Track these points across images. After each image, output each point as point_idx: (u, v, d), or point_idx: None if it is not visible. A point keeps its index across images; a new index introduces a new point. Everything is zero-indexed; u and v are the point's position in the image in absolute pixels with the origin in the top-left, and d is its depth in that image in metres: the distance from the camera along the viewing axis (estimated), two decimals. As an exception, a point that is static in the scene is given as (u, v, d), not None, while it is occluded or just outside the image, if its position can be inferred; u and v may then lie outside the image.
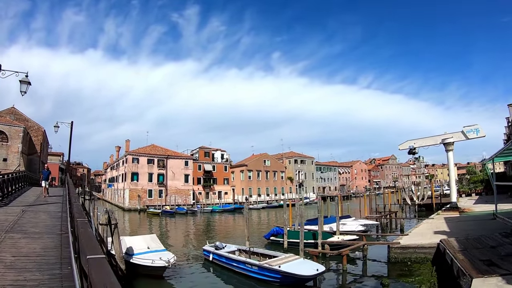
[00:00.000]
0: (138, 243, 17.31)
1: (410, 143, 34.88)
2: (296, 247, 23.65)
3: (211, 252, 19.76)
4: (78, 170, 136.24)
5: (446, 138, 31.31)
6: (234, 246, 21.34)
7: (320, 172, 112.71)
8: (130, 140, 72.17)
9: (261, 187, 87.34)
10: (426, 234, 19.68)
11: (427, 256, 16.31)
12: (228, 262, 18.21)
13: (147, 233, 37.52)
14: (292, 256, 16.94)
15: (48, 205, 15.08)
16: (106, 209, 13.50)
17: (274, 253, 18.96)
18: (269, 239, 27.25)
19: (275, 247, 24.95)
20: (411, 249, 16.84)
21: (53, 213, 12.78)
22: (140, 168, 67.85)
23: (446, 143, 31.34)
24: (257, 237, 31.28)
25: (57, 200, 17.87)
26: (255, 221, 48.57)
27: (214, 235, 33.46)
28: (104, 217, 13.32)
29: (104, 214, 13.33)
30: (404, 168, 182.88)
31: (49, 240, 8.53)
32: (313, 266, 15.57)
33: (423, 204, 48.67)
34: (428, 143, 33.66)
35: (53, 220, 11.33)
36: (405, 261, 16.65)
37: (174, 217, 54.45)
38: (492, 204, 32.68)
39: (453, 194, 32.63)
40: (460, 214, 29.10)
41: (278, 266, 15.12)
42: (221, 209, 64.17)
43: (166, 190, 70.29)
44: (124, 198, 66.94)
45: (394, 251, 17.13)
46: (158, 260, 15.33)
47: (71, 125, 26.92)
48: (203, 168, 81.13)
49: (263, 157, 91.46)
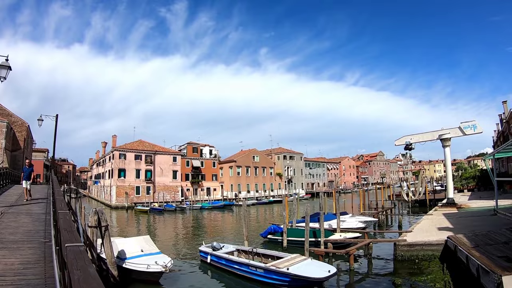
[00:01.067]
0: (130, 245, 15.95)
1: (406, 139, 34.51)
2: (296, 246, 22.95)
3: (209, 253, 18.46)
4: (64, 167, 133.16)
5: (443, 134, 31.08)
6: (232, 246, 20.13)
7: (308, 168, 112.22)
8: (117, 136, 70.39)
9: (250, 183, 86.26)
10: (430, 231, 19.22)
11: (435, 253, 15.94)
12: (228, 264, 16.96)
13: (136, 231, 36.49)
14: (299, 257, 15.80)
15: (31, 206, 13.66)
16: (95, 210, 12.14)
17: (278, 253, 17.77)
18: (266, 237, 26.11)
19: (273, 246, 23.98)
20: (418, 246, 16.37)
21: (36, 215, 11.37)
22: (127, 164, 66.17)
23: (443, 139, 31.15)
24: (252, 235, 30.20)
25: (41, 200, 16.41)
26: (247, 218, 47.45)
27: (206, 234, 32.28)
28: (94, 219, 11.98)
29: (94, 215, 11.98)
30: (391, 165, 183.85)
31: (30, 252, 7.25)
32: (323, 267, 14.51)
33: (417, 200, 48.67)
34: (425, 138, 33.44)
35: (36, 224, 10.00)
36: (412, 258, 16.20)
37: (163, 214, 52.99)
38: (487, 200, 33.51)
39: (450, 190, 32.36)
40: (458, 210, 28.89)
41: (287, 268, 13.97)
42: (211, 206, 62.80)
43: (154, 186, 68.78)
44: (111, 195, 65.19)
45: (401, 248, 16.61)
46: (153, 264, 14.03)
47: (56, 119, 25.40)
48: (191, 164, 79.65)
49: (252, 153, 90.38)
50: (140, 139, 74.88)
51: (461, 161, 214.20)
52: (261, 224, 39.48)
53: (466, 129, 29.94)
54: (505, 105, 44.76)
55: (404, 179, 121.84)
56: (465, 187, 57.83)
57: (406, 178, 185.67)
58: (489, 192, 43.91)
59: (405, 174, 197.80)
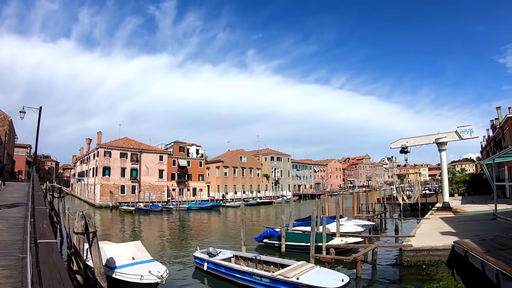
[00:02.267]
0: (120, 252, 14.61)
1: (402, 142, 34.43)
2: (296, 251, 22.17)
3: (205, 260, 17.16)
4: (46, 164, 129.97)
5: (439, 138, 31.15)
6: (230, 252, 18.96)
7: (296, 170, 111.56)
8: (102, 132, 68.37)
9: (237, 184, 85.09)
10: (433, 236, 19.02)
11: (441, 258, 15.80)
12: (228, 272, 15.75)
13: (120, 233, 35.02)
14: (306, 265, 14.77)
15: (8, 209, 12.28)
16: (82, 213, 10.84)
17: (281, 260, 16.64)
18: (262, 241, 25.09)
19: (269, 251, 23.09)
20: (425, 251, 16.17)
21: (13, 219, 10.03)
22: (112, 162, 64.39)
23: (440, 143, 31.17)
24: (246, 238, 29.11)
25: (20, 200, 15.00)
26: (235, 220, 46.29)
27: (196, 236, 31.20)
28: (80, 224, 10.68)
29: (80, 219, 10.69)
30: (377, 168, 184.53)
31: (5, 273, 5.56)
32: (335, 276, 13.48)
33: (411, 204, 48.16)
34: (421, 142, 33.35)
35: (12, 231, 8.69)
36: (419, 264, 15.95)
37: (148, 215, 51.48)
38: (480, 204, 34.19)
39: (446, 194, 32.36)
40: (454, 214, 28.96)
41: (296, 278, 12.86)
42: (198, 206, 61.36)
43: (140, 186, 67.15)
44: (95, 194, 63.30)
45: (407, 254, 16.37)
46: (147, 274, 12.74)
47: (40, 111, 23.97)
48: (178, 163, 78.14)
49: (240, 153, 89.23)
50: (126, 136, 73.04)
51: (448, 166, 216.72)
52: (252, 227, 38.43)
53: (463, 133, 29.85)
54: (499, 110, 45.03)
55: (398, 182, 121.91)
56: (456, 191, 57.53)
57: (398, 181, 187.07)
58: (480, 197, 44.24)
59: (389, 178, 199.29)
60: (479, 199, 40.07)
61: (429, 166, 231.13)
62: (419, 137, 33.72)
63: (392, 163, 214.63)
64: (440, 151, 31.39)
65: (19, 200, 14.75)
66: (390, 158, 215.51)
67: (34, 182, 17.34)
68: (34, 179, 18.99)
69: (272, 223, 40.05)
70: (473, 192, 52.20)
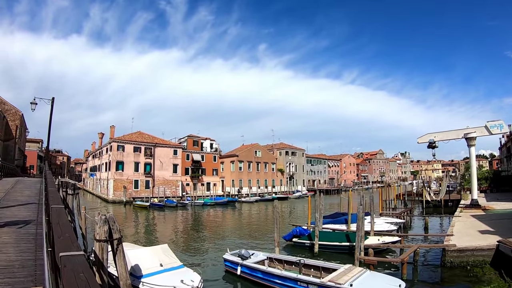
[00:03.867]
0: (146, 258, 12.70)
1: (430, 137, 33.54)
2: (329, 251, 20.42)
3: (239, 263, 15.29)
4: (58, 158, 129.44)
5: (469, 133, 30.33)
6: (262, 253, 17.09)
7: (310, 165, 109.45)
8: (115, 126, 66.62)
9: (251, 179, 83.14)
10: (472, 234, 18.38)
11: (485, 258, 15.11)
12: (267, 278, 13.83)
13: (136, 230, 33.23)
14: (354, 268, 13.01)
15: (19, 208, 10.39)
16: (105, 217, 8.93)
17: (323, 263, 14.81)
18: (291, 240, 23.29)
19: (298, 250, 21.29)
20: (469, 251, 15.48)
21: (23, 227, 8.15)
22: (126, 156, 62.79)
23: (468, 138, 30.38)
24: (267, 236, 27.37)
25: (31, 199, 13.06)
26: (252, 217, 44.50)
27: (216, 234, 29.21)
28: (103, 230, 8.75)
29: (103, 224, 8.77)
30: (390, 163, 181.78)
31: None
32: (390, 281, 11.83)
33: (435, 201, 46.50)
34: (450, 137, 32.52)
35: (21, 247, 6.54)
36: (463, 265, 15.25)
37: (163, 210, 49.88)
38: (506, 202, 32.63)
39: (474, 191, 31.53)
40: (484, 212, 28.08)
41: (349, 284, 11.18)
42: (213, 202, 59.60)
43: (154, 180, 65.51)
44: (108, 189, 61.73)
45: (450, 254, 15.65)
46: (180, 285, 10.83)
47: (52, 102, 22.27)
48: (192, 157, 76.29)
49: (255, 147, 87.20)
50: (139, 130, 71.43)
51: (459, 162, 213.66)
52: (272, 223, 36.65)
53: (493, 128, 29.18)
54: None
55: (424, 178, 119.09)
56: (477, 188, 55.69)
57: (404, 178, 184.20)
58: (502, 194, 43.25)
59: (403, 174, 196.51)
60: (503, 197, 38.69)
61: (442, 162, 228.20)
62: (447, 132, 33.07)
63: (405, 158, 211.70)
64: (469, 146, 30.70)
65: (30, 199, 12.83)
66: (404, 153, 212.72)
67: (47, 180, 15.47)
68: (48, 175, 17.17)
69: (294, 220, 38.43)
70: (495, 189, 50.51)
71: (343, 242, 20.82)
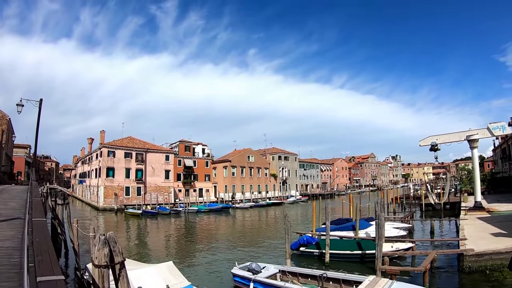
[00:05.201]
0: (151, 279, 11.22)
1: (432, 139, 32.98)
2: (341, 261, 19.43)
3: (251, 279, 13.92)
4: (46, 164, 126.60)
5: (471, 135, 29.96)
6: (274, 266, 15.82)
7: (303, 169, 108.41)
8: (105, 131, 64.74)
9: (245, 184, 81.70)
10: (486, 238, 18.04)
11: (503, 262, 14.81)
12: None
13: (129, 240, 31.62)
14: (380, 279, 12.00)
15: (1, 226, 8.91)
16: (104, 238, 7.55)
17: (345, 275, 13.69)
18: (298, 250, 22.02)
19: (306, 260, 20.19)
20: (487, 255, 15.08)
21: (5, 251, 6.70)
22: (117, 162, 60.89)
23: (471, 140, 30.00)
24: (269, 244, 26.13)
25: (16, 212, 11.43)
26: (248, 223, 43.15)
27: (216, 244, 27.64)
28: (103, 253, 7.35)
29: (103, 246, 7.37)
30: (382, 167, 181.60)
31: None
32: None
33: (429, 204, 46.20)
34: (452, 139, 32.20)
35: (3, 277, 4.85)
36: (481, 269, 14.87)
37: (156, 218, 48.22)
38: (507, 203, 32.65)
39: (478, 193, 30.85)
40: (490, 214, 27.90)
41: None
42: (207, 208, 57.98)
43: (145, 187, 63.66)
44: (98, 196, 59.67)
45: (468, 259, 15.21)
46: None
47: (40, 104, 20.72)
48: (184, 163, 74.56)
49: (247, 152, 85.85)
50: (130, 135, 69.66)
51: (449, 164, 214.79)
52: (272, 231, 35.35)
53: (495, 130, 28.92)
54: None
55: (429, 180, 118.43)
56: None
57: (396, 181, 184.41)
58: (501, 195, 42.87)
59: (394, 177, 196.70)
60: (503, 198, 38.64)
61: (432, 164, 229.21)
62: (449, 134, 32.64)
63: (396, 161, 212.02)
64: (471, 148, 30.35)
65: (15, 213, 11.27)
66: (395, 157, 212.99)
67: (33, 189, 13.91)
68: (33, 185, 15.63)
69: (294, 226, 37.28)
70: (493, 190, 50.54)
71: (354, 250, 19.88)
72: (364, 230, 24.76)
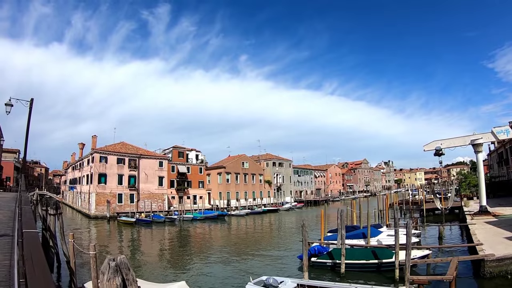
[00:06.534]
0: None
1: (436, 144, 32.91)
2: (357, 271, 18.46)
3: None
4: (35, 170, 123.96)
5: (475, 139, 29.99)
6: (291, 280, 14.77)
7: (297, 176, 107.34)
8: (97, 136, 62.90)
9: (239, 191, 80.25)
10: (503, 242, 17.98)
11: None
12: None
13: (121, 250, 30.09)
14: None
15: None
16: (114, 263, 6.19)
17: None
18: (309, 260, 20.74)
19: (319, 271, 18.97)
20: (507, 260, 15.13)
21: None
22: (109, 168, 59.06)
23: (475, 144, 29.98)
24: (276, 255, 24.89)
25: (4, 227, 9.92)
26: (248, 232, 41.82)
27: (221, 256, 26.08)
28: (115, 284, 5.98)
29: (114, 275, 6.01)
30: (375, 172, 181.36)
31: None
32: None
33: (431, 209, 46.86)
34: (456, 143, 32.08)
35: None
36: (502, 274, 14.88)
37: (151, 227, 46.60)
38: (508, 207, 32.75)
39: (483, 197, 30.82)
40: (496, 218, 27.99)
41: None
42: (203, 216, 56.33)
43: (138, 194, 61.83)
44: (90, 204, 57.66)
45: (490, 264, 15.21)
46: None
47: (31, 104, 19.23)
48: (177, 169, 72.88)
49: (242, 158, 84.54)
50: (122, 141, 67.92)
51: (441, 169, 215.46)
52: (274, 240, 34.01)
53: (499, 134, 28.99)
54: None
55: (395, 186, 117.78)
56: (474, 194, 56.74)
57: (388, 186, 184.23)
58: (501, 199, 42.80)
59: (387, 182, 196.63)
60: (504, 202, 38.56)
61: (424, 170, 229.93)
62: (453, 139, 32.67)
63: (389, 167, 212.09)
64: (476, 152, 30.32)
65: (1, 228, 9.82)
66: (387, 162, 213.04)
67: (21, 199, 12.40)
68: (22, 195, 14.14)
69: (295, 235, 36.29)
70: (492, 194, 49.41)
71: (370, 259, 18.87)
72: (376, 237, 24.25)
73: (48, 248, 17.97)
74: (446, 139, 33.16)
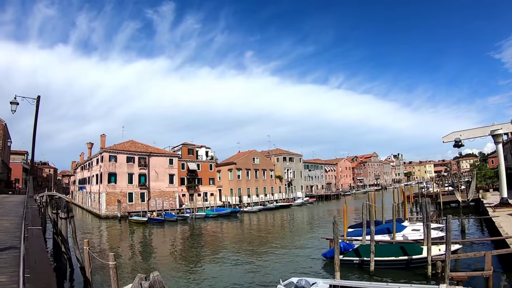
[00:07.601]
0: None
1: (456, 135, 32.82)
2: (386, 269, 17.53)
3: None
4: (44, 171, 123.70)
5: (495, 130, 29.67)
6: (322, 281, 13.72)
7: (307, 170, 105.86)
8: (106, 135, 61.78)
9: (250, 187, 78.93)
10: None
11: None
12: None
13: (134, 252, 28.79)
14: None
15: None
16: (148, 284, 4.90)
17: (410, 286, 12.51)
18: (333, 258, 19.61)
19: (346, 269, 17.70)
20: None
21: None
22: (119, 167, 57.99)
23: (495, 135, 29.71)
24: (297, 253, 23.69)
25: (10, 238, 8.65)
26: (263, 228, 40.49)
27: (239, 255, 24.71)
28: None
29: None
30: (384, 166, 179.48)
31: None
32: None
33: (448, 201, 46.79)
34: (476, 134, 31.87)
35: None
36: None
37: (163, 226, 45.40)
38: None
39: (504, 189, 30.39)
40: None
41: None
42: (216, 213, 55.20)
43: (149, 193, 60.78)
44: (100, 204, 56.58)
45: None
46: None
47: (38, 101, 17.99)
48: (187, 167, 71.70)
49: (252, 154, 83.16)
50: (131, 139, 66.83)
51: (450, 162, 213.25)
52: (289, 236, 32.66)
53: None
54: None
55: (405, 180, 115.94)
56: (490, 186, 56.91)
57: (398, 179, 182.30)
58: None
59: (396, 176, 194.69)
60: None
61: (434, 162, 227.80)
62: (472, 130, 32.43)
63: (398, 160, 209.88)
64: (496, 143, 30.32)
65: (8, 239, 8.49)
66: (396, 155, 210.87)
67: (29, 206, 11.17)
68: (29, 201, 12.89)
69: (308, 230, 35.31)
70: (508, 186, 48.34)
71: (399, 256, 17.75)
72: (401, 233, 23.29)
73: (60, 254, 16.78)
74: (465, 130, 32.71)
